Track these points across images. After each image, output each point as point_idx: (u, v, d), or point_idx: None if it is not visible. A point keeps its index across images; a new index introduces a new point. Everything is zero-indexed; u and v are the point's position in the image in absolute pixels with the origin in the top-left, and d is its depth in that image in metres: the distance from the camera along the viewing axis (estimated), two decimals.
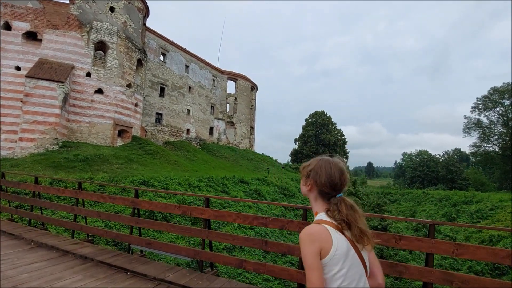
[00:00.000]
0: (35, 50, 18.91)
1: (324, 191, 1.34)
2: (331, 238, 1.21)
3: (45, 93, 17.44)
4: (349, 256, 1.24)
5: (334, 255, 1.20)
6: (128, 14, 22.75)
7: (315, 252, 1.18)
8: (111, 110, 20.89)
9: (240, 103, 43.29)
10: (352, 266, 1.24)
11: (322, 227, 1.24)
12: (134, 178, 15.00)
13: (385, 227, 22.51)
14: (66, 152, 16.62)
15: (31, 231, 4.97)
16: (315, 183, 1.35)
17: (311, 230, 1.23)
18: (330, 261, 1.20)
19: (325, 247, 1.20)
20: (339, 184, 1.33)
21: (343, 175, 1.35)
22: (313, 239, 1.20)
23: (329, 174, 1.32)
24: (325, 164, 1.36)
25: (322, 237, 1.21)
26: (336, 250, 1.20)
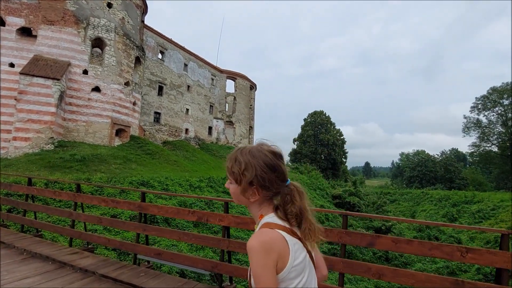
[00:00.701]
0: (29, 47, 18.25)
1: (274, 191, 1.06)
2: (288, 247, 0.97)
3: (40, 90, 16.80)
4: (306, 263, 1.02)
5: (291, 268, 0.97)
6: (126, 11, 22.15)
7: (272, 265, 0.93)
8: (109, 108, 20.27)
9: (239, 102, 42.79)
10: (309, 273, 1.04)
11: (277, 233, 0.98)
12: (133, 179, 14.46)
13: (389, 228, 22.16)
14: (62, 152, 16.01)
15: (23, 238, 4.45)
16: (260, 188, 1.04)
17: (265, 236, 0.96)
18: (287, 275, 0.96)
19: (282, 259, 0.95)
20: (285, 172, 1.09)
21: (283, 159, 1.11)
22: (268, 248, 0.93)
23: (272, 166, 1.04)
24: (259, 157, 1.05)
25: (278, 246, 0.95)
26: (294, 261, 0.97)
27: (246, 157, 1.06)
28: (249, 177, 1.03)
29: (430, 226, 27.01)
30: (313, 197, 29.75)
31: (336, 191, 35.11)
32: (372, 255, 18.90)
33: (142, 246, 3.71)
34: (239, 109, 42.62)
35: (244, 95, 43.78)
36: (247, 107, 44.76)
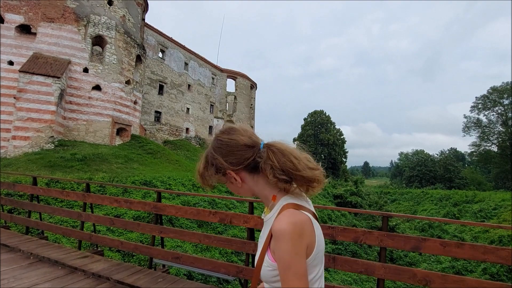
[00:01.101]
0: (29, 44, 17.93)
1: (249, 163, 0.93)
2: (314, 230, 0.87)
3: (40, 89, 16.49)
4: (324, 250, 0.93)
5: (316, 254, 0.87)
6: (127, 8, 21.85)
7: (304, 250, 0.83)
8: (110, 107, 19.97)
9: (240, 101, 42.52)
10: (323, 263, 0.94)
11: (304, 215, 0.87)
12: (136, 178, 14.20)
13: (392, 228, 21.95)
14: (62, 151, 15.71)
15: (29, 241, 4.19)
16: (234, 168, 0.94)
17: (296, 218, 0.84)
18: (312, 262, 0.87)
19: (311, 243, 0.85)
20: (247, 137, 0.95)
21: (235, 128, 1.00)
22: (301, 231, 0.83)
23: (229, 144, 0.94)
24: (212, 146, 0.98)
25: (309, 229, 0.86)
26: (319, 247, 0.88)
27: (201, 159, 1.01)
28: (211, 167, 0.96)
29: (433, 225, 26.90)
30: (315, 197, 29.58)
31: (337, 190, 34.94)
32: (376, 254, 18.71)
33: (158, 249, 3.46)
34: (239, 108, 42.36)
35: (245, 95, 43.52)
36: (248, 106, 44.50)
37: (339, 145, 60.56)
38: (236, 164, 0.93)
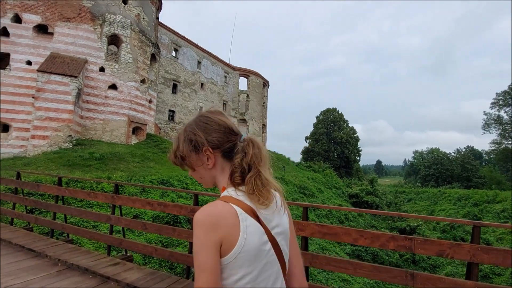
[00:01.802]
0: (46, 44, 18.05)
1: (228, 147, 0.92)
2: (239, 226, 0.81)
3: (58, 88, 16.56)
4: (262, 252, 0.83)
5: (239, 253, 0.79)
6: (142, 7, 21.79)
7: (214, 244, 0.77)
8: (126, 106, 19.96)
9: (252, 100, 42.18)
10: (266, 267, 0.84)
11: (229, 207, 0.83)
12: (153, 177, 14.05)
13: (413, 229, 21.16)
14: (81, 150, 15.73)
15: (55, 245, 3.94)
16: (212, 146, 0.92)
17: (213, 209, 0.81)
18: (233, 261, 0.79)
19: (228, 239, 0.79)
20: (232, 124, 0.95)
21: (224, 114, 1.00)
22: (213, 223, 0.78)
23: (216, 122, 0.94)
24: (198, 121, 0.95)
25: (227, 223, 0.80)
26: (243, 246, 0.80)
27: (181, 131, 0.99)
28: (182, 148, 0.94)
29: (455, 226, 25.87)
30: (330, 196, 28.97)
31: (352, 190, 34.17)
32: (398, 257, 18.03)
33: None
34: (252, 106, 42.02)
35: (257, 93, 43.15)
36: (260, 104, 44.12)
37: (353, 144, 59.43)
38: (217, 144, 0.92)
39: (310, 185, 26.30)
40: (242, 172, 0.89)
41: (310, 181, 29.43)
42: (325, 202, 24.57)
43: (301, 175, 31.43)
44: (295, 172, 34.18)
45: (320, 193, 27.21)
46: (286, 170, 32.31)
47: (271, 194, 0.90)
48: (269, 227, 0.88)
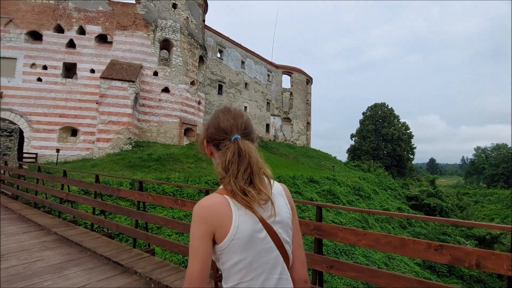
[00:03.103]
0: (106, 52, 19.20)
1: (216, 143, 1.02)
2: (231, 216, 0.87)
3: (118, 93, 17.46)
4: (256, 240, 0.89)
5: (232, 240, 0.86)
6: (190, 10, 22.18)
7: (205, 234, 0.86)
8: (177, 108, 20.45)
9: (296, 97, 41.07)
10: (261, 254, 0.89)
11: (222, 199, 0.90)
12: (208, 178, 13.95)
13: (495, 238, 18.24)
14: (140, 151, 16.36)
15: (141, 258, 3.57)
16: (207, 140, 1.05)
17: (206, 202, 0.90)
18: (227, 247, 0.86)
19: (222, 228, 0.86)
20: (227, 124, 1.00)
21: (230, 112, 1.03)
22: (206, 215, 0.87)
23: (214, 120, 1.03)
24: (211, 117, 1.07)
25: (219, 213, 0.87)
26: (235, 233, 0.86)
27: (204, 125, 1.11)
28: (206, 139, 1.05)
29: None
30: (386, 198, 26.75)
31: (411, 191, 31.21)
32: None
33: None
34: (296, 104, 40.92)
35: (301, 90, 41.92)
36: (304, 102, 42.79)
37: (405, 140, 54.96)
38: (210, 138, 1.03)
39: (364, 186, 24.50)
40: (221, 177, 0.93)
41: (362, 181, 27.51)
42: (383, 205, 22.65)
43: (352, 175, 29.58)
44: (345, 171, 32.35)
45: (375, 195, 25.23)
46: (335, 170, 30.71)
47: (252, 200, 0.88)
48: (264, 216, 0.92)
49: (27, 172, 7.30)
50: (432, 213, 27.99)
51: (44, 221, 5.09)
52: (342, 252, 12.35)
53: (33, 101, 17.91)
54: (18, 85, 17.92)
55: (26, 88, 17.97)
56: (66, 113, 18.07)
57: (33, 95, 17.95)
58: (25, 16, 18.52)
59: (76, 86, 18.49)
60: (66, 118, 18.04)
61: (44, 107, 17.94)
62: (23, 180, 7.58)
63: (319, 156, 36.74)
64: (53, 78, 18.32)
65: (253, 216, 0.89)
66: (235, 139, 0.97)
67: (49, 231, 4.59)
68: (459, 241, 17.77)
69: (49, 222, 5.06)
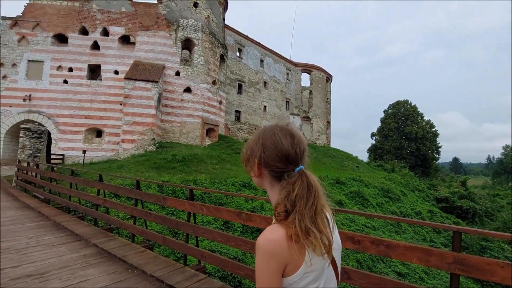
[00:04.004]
0: (130, 53, 19.18)
1: (275, 170, 0.92)
2: (305, 247, 0.81)
3: (142, 93, 17.35)
4: (325, 269, 0.87)
5: (306, 271, 0.82)
6: (211, 9, 21.86)
7: (278, 269, 0.80)
8: (199, 108, 20.17)
9: (316, 96, 40.07)
10: (327, 283, 0.88)
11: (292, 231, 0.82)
12: (235, 180, 13.49)
13: None
14: (164, 152, 16.15)
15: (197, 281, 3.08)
16: (260, 162, 0.94)
17: (276, 235, 0.82)
18: (298, 280, 0.82)
19: (293, 262, 0.81)
20: (292, 152, 0.91)
21: (295, 138, 0.93)
22: (278, 249, 0.80)
23: (274, 142, 0.92)
24: (266, 133, 0.96)
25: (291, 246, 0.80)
26: (309, 266, 0.81)
27: (252, 136, 1.01)
28: (249, 148, 0.98)
29: None
30: (415, 200, 25.38)
31: (441, 193, 29.57)
32: None
33: None
34: (315, 103, 39.93)
35: (320, 88, 40.88)
36: (324, 101, 41.72)
37: (430, 139, 52.56)
38: (265, 163, 0.93)
39: (393, 187, 23.34)
40: (286, 211, 0.85)
41: (389, 182, 26.28)
42: (414, 208, 21.44)
43: (378, 176, 28.37)
44: (369, 172, 31.13)
45: (404, 197, 23.98)
46: (359, 170, 29.59)
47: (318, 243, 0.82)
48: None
49: (61, 175, 7.06)
50: (465, 216, 26.39)
51: (80, 230, 4.74)
52: (379, 260, 11.54)
53: (60, 103, 18.12)
54: (46, 88, 18.19)
55: (53, 90, 18.21)
56: (91, 114, 18.17)
57: (59, 97, 18.18)
58: (51, 20, 18.78)
59: (101, 88, 18.56)
60: (91, 120, 18.14)
61: (70, 109, 18.12)
62: (55, 183, 7.36)
63: (341, 155, 35.62)
64: (78, 80, 18.48)
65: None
66: (301, 171, 0.90)
67: (87, 242, 4.21)
68: (502, 247, 16.48)
69: (86, 231, 4.70)
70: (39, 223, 5.38)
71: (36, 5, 18.83)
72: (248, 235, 10.17)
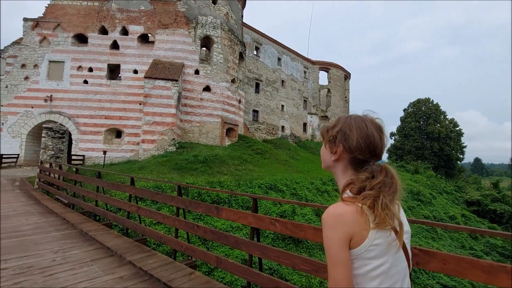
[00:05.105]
0: (149, 52, 18.82)
1: (358, 158, 0.96)
2: (369, 222, 0.86)
3: (162, 93, 16.91)
4: (393, 247, 0.89)
5: (370, 245, 0.85)
6: (229, 5, 21.27)
7: (343, 239, 0.85)
8: (219, 107, 19.58)
9: (334, 94, 38.87)
10: (396, 262, 0.90)
11: (356, 207, 0.88)
12: (261, 182, 12.74)
13: None
14: (185, 153, 15.62)
15: None
16: (346, 148, 0.97)
17: (339, 210, 0.89)
18: (363, 253, 0.86)
19: (359, 233, 0.85)
20: (380, 146, 0.96)
21: (383, 133, 0.99)
22: (341, 222, 0.86)
23: (365, 133, 0.95)
24: (357, 121, 0.98)
25: (355, 219, 0.86)
26: (375, 239, 0.86)
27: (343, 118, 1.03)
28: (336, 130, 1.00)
29: None
30: (444, 204, 23.88)
31: (471, 195, 27.86)
32: None
33: None
34: (334, 102, 38.73)
35: (339, 86, 39.65)
36: (342, 99, 40.47)
37: (454, 139, 50.13)
38: (351, 149, 0.95)
39: (424, 190, 22.01)
40: (361, 188, 0.90)
41: (416, 184, 24.88)
42: (447, 212, 20.08)
43: (403, 177, 26.97)
44: None
45: (434, 200, 22.58)
46: None
47: (389, 218, 0.87)
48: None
49: (86, 178, 6.52)
50: (499, 221, 24.67)
51: (111, 242, 4.12)
52: (421, 270, 10.52)
53: (80, 104, 17.95)
54: (66, 88, 18.06)
55: (73, 90, 18.06)
56: (111, 114, 17.90)
57: (80, 98, 18.00)
58: (71, 20, 18.66)
59: (120, 87, 18.27)
60: (111, 120, 17.86)
61: (90, 109, 17.91)
62: (79, 186, 6.84)
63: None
64: (98, 80, 18.26)
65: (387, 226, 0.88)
66: (384, 164, 0.96)
67: (121, 258, 3.56)
68: None
69: (118, 243, 4.08)
70: (64, 232, 4.81)
71: (57, 5, 18.77)
72: (279, 242, 9.41)
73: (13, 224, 5.29)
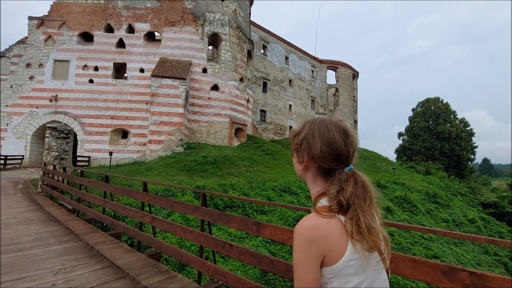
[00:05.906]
0: (155, 50, 18.31)
1: (323, 167, 0.89)
2: (347, 236, 0.80)
3: (169, 91, 16.37)
4: (372, 261, 0.82)
5: (349, 261, 0.78)
6: (237, 2, 20.69)
7: (313, 256, 0.78)
8: (227, 107, 18.99)
9: (342, 94, 38.07)
10: (375, 277, 0.83)
11: (334, 219, 0.81)
12: (274, 184, 12.11)
13: None
14: (194, 154, 15.04)
15: None
16: (310, 157, 0.90)
17: (311, 221, 0.81)
18: (342, 270, 0.78)
19: (334, 250, 0.78)
20: (345, 152, 0.88)
21: (349, 137, 0.89)
22: (313, 236, 0.78)
23: (327, 139, 0.87)
24: (320, 127, 0.90)
25: (329, 233, 0.79)
26: (353, 254, 0.78)
27: (308, 123, 0.96)
28: (300, 138, 0.93)
29: None
30: (460, 206, 22.97)
31: (487, 197, 26.88)
32: None
33: None
34: (342, 101, 37.93)
35: (347, 86, 38.85)
36: (351, 99, 39.65)
37: (465, 139, 48.94)
38: (314, 157, 0.88)
39: (440, 192, 21.17)
40: (339, 205, 0.82)
41: (431, 186, 24.02)
42: (466, 215, 19.22)
43: (416, 179, 26.14)
44: (405, 174, 28.86)
45: (450, 202, 21.71)
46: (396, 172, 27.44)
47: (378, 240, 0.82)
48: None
49: (91, 182, 5.94)
50: None
51: (122, 259, 3.51)
52: None
53: (86, 103, 17.49)
54: (71, 88, 17.62)
55: (78, 90, 17.62)
56: (117, 114, 17.41)
57: (85, 97, 17.55)
58: (76, 18, 18.23)
59: (127, 87, 17.78)
60: (117, 120, 17.37)
61: (96, 109, 17.44)
62: (84, 191, 6.27)
63: (372, 157, 33.47)
64: (104, 79, 17.79)
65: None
66: (352, 170, 0.88)
67: (135, 282, 2.96)
68: None
69: (130, 261, 3.47)
70: (67, 245, 4.23)
71: (62, 3, 18.35)
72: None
73: (11, 234, 4.73)
